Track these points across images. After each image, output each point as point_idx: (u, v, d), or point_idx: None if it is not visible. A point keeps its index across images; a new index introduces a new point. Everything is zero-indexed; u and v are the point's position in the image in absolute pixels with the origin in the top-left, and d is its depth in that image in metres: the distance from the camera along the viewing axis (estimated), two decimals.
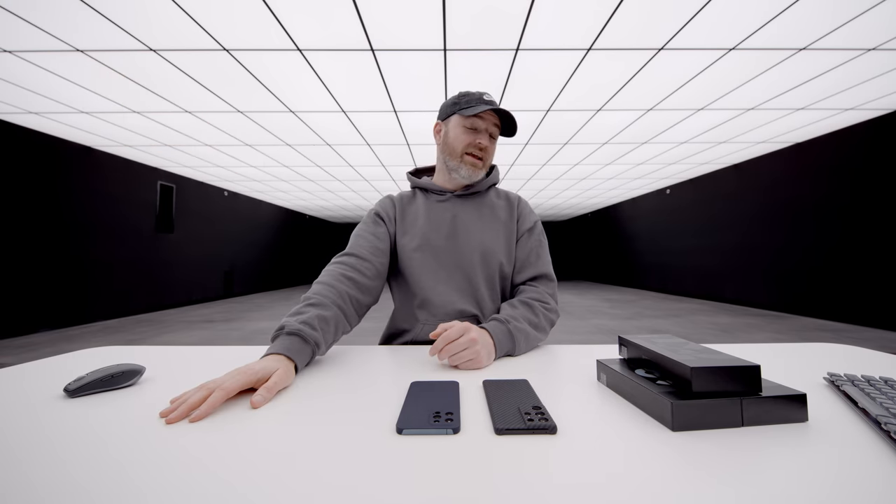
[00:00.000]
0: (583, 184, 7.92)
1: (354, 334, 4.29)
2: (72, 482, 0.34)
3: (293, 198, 9.36)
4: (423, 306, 0.92)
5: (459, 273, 0.93)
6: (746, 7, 2.42)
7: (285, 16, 2.48)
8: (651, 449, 0.39)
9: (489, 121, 0.95)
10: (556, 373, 0.65)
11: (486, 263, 0.95)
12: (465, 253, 0.94)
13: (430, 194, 1.03)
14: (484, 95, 0.94)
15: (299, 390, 0.58)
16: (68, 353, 0.81)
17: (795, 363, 0.70)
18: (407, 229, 0.98)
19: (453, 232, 0.96)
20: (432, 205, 1.00)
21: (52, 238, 4.79)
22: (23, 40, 2.69)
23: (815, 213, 5.11)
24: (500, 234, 0.98)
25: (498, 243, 0.97)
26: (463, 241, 0.95)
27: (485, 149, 0.95)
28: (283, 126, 4.47)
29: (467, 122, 0.94)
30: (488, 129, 0.95)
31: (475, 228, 0.97)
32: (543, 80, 3.41)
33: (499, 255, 0.96)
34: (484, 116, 0.94)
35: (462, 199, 1.01)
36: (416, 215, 0.99)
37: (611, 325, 4.88)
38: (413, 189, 1.07)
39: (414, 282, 0.94)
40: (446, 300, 0.91)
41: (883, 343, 3.70)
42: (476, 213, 0.99)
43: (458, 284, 0.93)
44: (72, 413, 0.50)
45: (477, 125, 0.94)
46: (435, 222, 0.97)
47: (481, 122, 0.94)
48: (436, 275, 0.93)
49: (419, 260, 0.94)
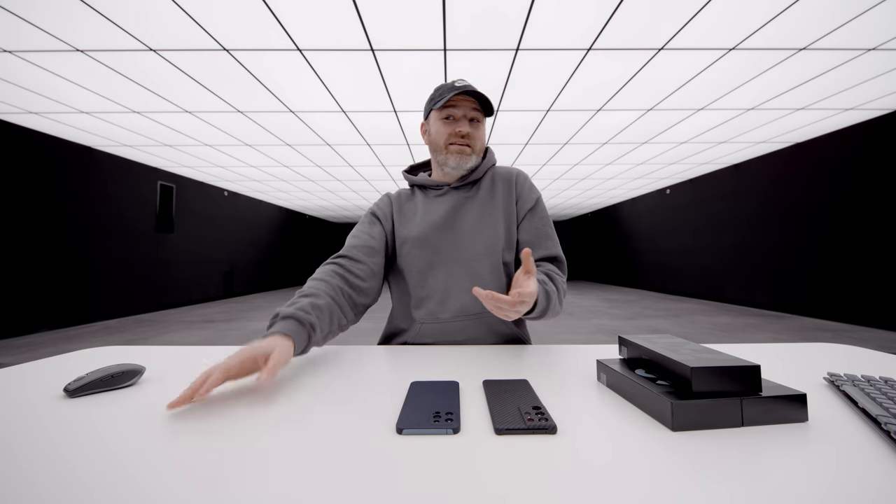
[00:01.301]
0: (583, 184, 7.92)
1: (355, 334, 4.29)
2: (72, 482, 0.34)
3: (293, 198, 9.36)
4: (421, 305, 0.90)
5: (460, 268, 0.91)
6: (746, 7, 2.42)
7: (285, 16, 2.48)
8: (651, 449, 0.39)
9: (466, 106, 0.91)
10: (556, 373, 0.65)
11: (490, 253, 0.91)
12: (466, 247, 0.92)
13: (428, 190, 1.00)
14: (456, 82, 0.90)
15: (299, 390, 0.58)
16: (68, 353, 0.81)
17: (795, 363, 0.70)
18: (405, 225, 0.96)
19: (452, 226, 0.93)
20: (430, 200, 0.98)
21: (52, 238, 4.79)
22: (23, 40, 2.69)
23: (815, 213, 5.11)
24: (499, 221, 0.94)
25: (498, 231, 0.93)
26: (463, 235, 0.92)
27: (466, 135, 0.92)
28: (283, 126, 4.47)
29: (443, 113, 0.92)
30: (466, 114, 0.91)
31: (475, 219, 0.94)
32: (543, 80, 3.41)
33: (500, 244, 0.92)
34: (457, 104, 0.91)
35: (459, 190, 0.98)
36: (413, 211, 0.98)
37: (611, 325, 4.88)
38: (412, 187, 1.05)
39: (412, 279, 0.92)
40: (446, 297, 0.89)
41: (883, 343, 3.70)
42: (475, 203, 0.96)
43: (458, 280, 0.90)
44: (72, 413, 0.50)
45: (453, 114, 0.91)
46: (433, 217, 0.94)
47: (457, 111, 0.91)
48: (434, 271, 0.91)
49: (417, 257, 0.92)
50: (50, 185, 4.76)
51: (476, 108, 0.92)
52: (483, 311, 0.88)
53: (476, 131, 0.93)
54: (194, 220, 7.37)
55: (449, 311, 0.88)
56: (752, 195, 6.17)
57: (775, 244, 5.75)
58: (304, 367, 0.69)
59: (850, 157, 4.68)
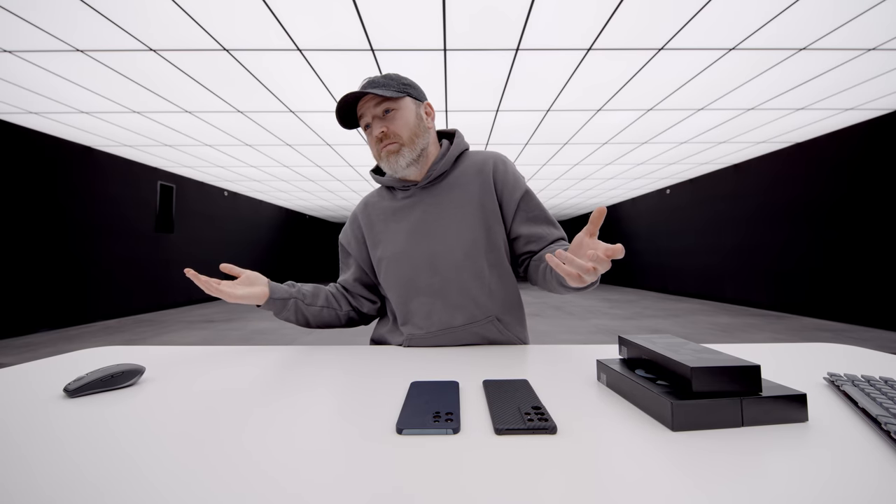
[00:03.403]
0: (583, 184, 7.92)
1: (355, 334, 4.29)
2: (72, 482, 0.34)
3: (293, 198, 9.36)
4: (407, 321, 0.86)
5: (440, 280, 0.84)
6: (746, 7, 2.42)
7: (285, 16, 2.48)
8: (651, 449, 0.39)
9: (368, 108, 0.82)
10: (556, 373, 0.65)
11: (471, 259, 0.84)
12: (444, 256, 0.84)
13: (395, 192, 0.93)
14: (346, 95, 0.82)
15: (299, 390, 0.58)
16: (68, 353, 0.81)
17: (795, 363, 0.69)
18: (376, 240, 0.91)
19: (426, 234, 0.86)
20: (398, 205, 0.90)
21: (52, 238, 4.79)
22: (23, 40, 2.69)
23: (815, 213, 5.11)
24: (476, 220, 0.85)
25: (476, 233, 0.85)
26: (439, 243, 0.85)
27: (381, 134, 0.82)
28: (283, 126, 4.47)
29: (364, 131, 0.86)
30: (366, 114, 0.83)
31: (449, 223, 0.85)
32: (543, 80, 3.41)
33: (480, 246, 0.84)
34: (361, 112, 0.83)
35: (428, 189, 0.89)
36: (383, 223, 0.91)
37: (611, 325, 4.88)
38: (381, 188, 0.97)
39: (394, 297, 0.88)
40: (430, 311, 0.84)
41: (883, 343, 3.70)
42: (447, 205, 0.86)
43: (441, 292, 0.84)
44: (72, 413, 0.50)
45: (364, 123, 0.84)
46: (405, 227, 0.87)
47: (364, 118, 0.84)
48: (415, 288, 0.85)
49: (395, 275, 0.87)
50: (50, 185, 4.76)
51: (378, 101, 0.81)
52: (470, 321, 0.83)
53: (392, 123, 0.82)
54: (194, 220, 7.37)
55: (435, 325, 0.84)
56: (752, 195, 6.17)
57: (775, 244, 5.75)
58: (304, 367, 0.69)
59: (850, 157, 4.68)
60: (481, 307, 0.84)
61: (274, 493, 0.32)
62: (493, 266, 0.86)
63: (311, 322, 0.91)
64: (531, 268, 0.87)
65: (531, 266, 0.87)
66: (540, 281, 0.83)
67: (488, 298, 0.85)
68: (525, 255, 0.90)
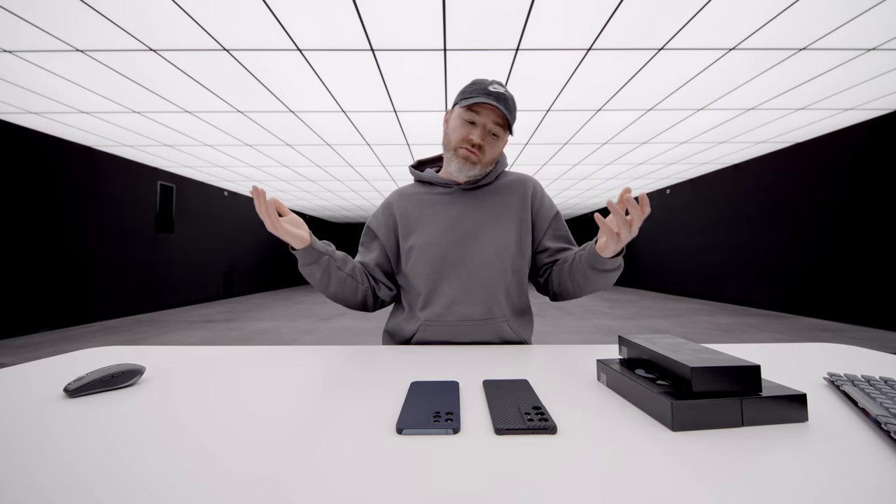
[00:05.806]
0: (583, 184, 7.92)
1: (355, 334, 4.29)
2: (72, 482, 0.34)
3: (293, 198, 9.36)
4: (427, 307, 0.89)
5: (466, 273, 0.89)
6: (746, 7, 2.42)
7: (285, 16, 2.48)
8: (651, 449, 0.39)
9: (489, 117, 0.86)
10: (556, 373, 0.65)
11: (500, 259, 0.90)
12: (475, 251, 0.89)
13: (434, 188, 0.97)
14: (490, 86, 0.85)
15: (300, 390, 0.58)
16: (68, 353, 0.81)
17: (795, 363, 0.70)
18: (410, 229, 0.94)
19: (461, 229, 0.91)
20: (436, 199, 0.95)
21: (52, 238, 4.79)
22: (23, 40, 2.69)
23: (815, 213, 5.11)
24: (511, 227, 0.92)
25: (510, 237, 0.91)
26: (473, 239, 0.90)
27: (479, 146, 0.87)
28: (283, 126, 4.47)
29: (466, 114, 0.87)
30: (486, 124, 0.86)
31: (486, 223, 0.91)
32: (543, 80, 3.41)
33: (511, 249, 0.91)
34: (481, 111, 0.85)
35: (468, 192, 0.95)
36: (419, 213, 0.94)
37: (611, 325, 4.88)
38: (417, 182, 1.01)
39: (419, 283, 0.91)
40: (450, 301, 0.88)
41: (883, 343, 3.70)
42: (486, 208, 0.93)
43: (466, 285, 0.88)
44: (72, 413, 0.49)
45: (474, 118, 0.86)
46: (441, 220, 0.92)
47: (478, 116, 0.86)
48: (442, 276, 0.90)
49: (425, 262, 0.91)
50: (50, 185, 4.76)
51: (500, 122, 0.87)
52: (488, 317, 0.88)
53: (490, 146, 0.89)
54: (194, 220, 7.36)
55: (454, 315, 0.88)
56: (753, 195, 6.17)
57: (775, 244, 5.75)
58: (304, 367, 0.70)
59: (851, 157, 4.68)
60: (500, 306, 0.90)
61: (274, 493, 0.32)
62: (516, 272, 0.93)
63: (331, 287, 0.91)
64: (555, 271, 0.94)
65: (555, 269, 0.94)
66: (564, 279, 0.91)
67: (506, 299, 0.91)
68: (548, 265, 0.98)
